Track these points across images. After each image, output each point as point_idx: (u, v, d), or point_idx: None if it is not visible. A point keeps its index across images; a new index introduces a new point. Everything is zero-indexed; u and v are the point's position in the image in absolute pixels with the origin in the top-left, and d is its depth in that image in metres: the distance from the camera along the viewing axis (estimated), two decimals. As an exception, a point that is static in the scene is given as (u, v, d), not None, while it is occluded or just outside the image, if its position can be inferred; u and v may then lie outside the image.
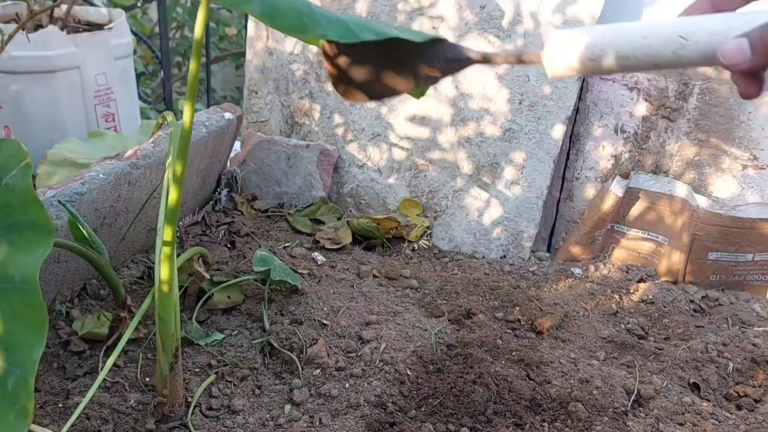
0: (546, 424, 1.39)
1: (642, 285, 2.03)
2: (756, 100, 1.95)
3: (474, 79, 2.18)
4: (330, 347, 1.59)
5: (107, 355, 1.42)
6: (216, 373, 1.48)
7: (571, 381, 1.52)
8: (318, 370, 1.51)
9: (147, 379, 1.43)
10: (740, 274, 2.06)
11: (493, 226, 2.22)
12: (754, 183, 2.02)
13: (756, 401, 1.54)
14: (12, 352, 0.62)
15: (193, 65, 0.95)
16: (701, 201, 2.03)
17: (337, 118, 2.39)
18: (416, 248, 2.26)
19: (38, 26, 2.16)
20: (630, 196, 2.11)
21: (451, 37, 2.19)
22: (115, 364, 1.44)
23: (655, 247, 2.13)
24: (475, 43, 2.17)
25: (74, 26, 2.30)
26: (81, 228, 1.22)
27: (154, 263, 1.80)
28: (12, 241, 0.65)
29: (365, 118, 2.36)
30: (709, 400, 1.53)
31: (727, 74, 1.89)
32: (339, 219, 2.37)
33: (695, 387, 1.58)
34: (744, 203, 2.02)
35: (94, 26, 2.35)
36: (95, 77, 2.18)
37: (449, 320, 1.79)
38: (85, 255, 1.21)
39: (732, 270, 2.05)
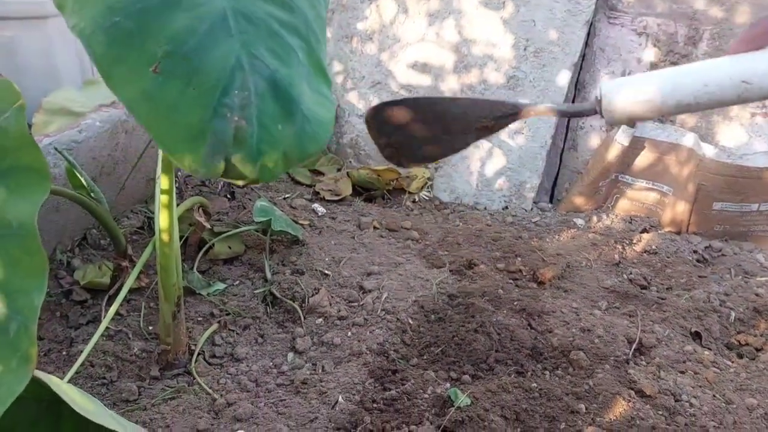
0: (547, 372, 1.40)
1: (645, 235, 2.02)
2: None
3: (478, 24, 2.12)
4: (332, 297, 1.59)
5: (110, 304, 1.42)
6: (218, 322, 1.48)
7: (573, 330, 1.52)
8: (320, 319, 1.51)
9: (150, 328, 1.43)
10: (745, 224, 2.04)
11: (496, 176, 2.20)
12: (762, 131, 1.98)
13: (757, 350, 1.54)
14: (13, 299, 0.60)
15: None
16: (708, 150, 2.00)
17: (336, 65, 2.34)
18: (417, 200, 2.24)
19: (27, -31, 2.09)
20: (635, 145, 2.08)
21: (454, -19, 2.12)
22: (118, 313, 1.43)
23: (660, 197, 2.11)
24: (479, -13, 2.09)
25: (65, -31, 2.22)
26: (79, 176, 1.20)
27: (153, 213, 1.78)
28: (8, 186, 0.63)
29: (365, 66, 2.30)
30: (710, 349, 1.54)
31: (739, 19, 1.84)
32: (339, 170, 2.34)
33: (697, 336, 1.58)
34: (752, 152, 1.99)
35: (85, -30, 2.27)
36: (88, 23, 2.11)
37: (451, 271, 1.79)
38: (83, 203, 1.19)
39: (737, 220, 2.04)
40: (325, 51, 0.84)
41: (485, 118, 0.77)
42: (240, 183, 0.70)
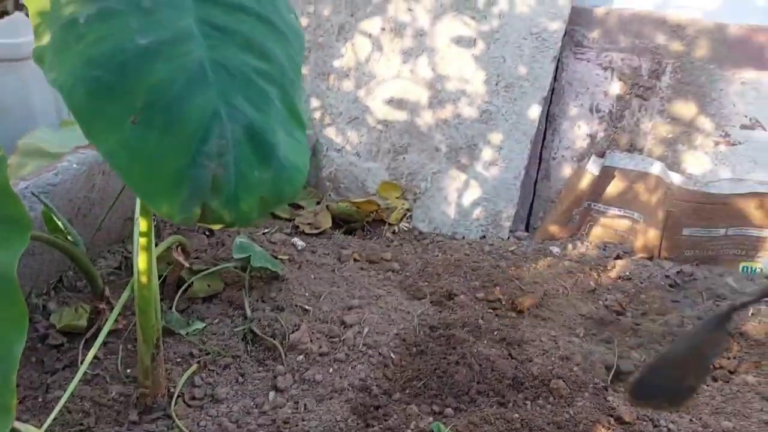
0: (528, 402, 1.41)
1: (619, 262, 2.06)
2: (728, 75, 1.98)
3: (450, 61, 2.18)
4: (313, 333, 1.59)
5: (87, 348, 1.40)
6: (198, 362, 1.47)
7: (552, 358, 1.54)
8: (301, 356, 1.51)
9: (128, 371, 1.42)
10: (714, 248, 2.10)
11: (473, 206, 2.24)
12: (725, 159, 2.05)
13: (731, 372, 1.58)
14: (-9, 349, 0.61)
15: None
16: (675, 178, 2.06)
17: (314, 102, 2.37)
18: (397, 231, 2.26)
19: (3, 13, 2.10)
20: (606, 174, 2.14)
21: (426, 20, 2.18)
22: (95, 357, 1.42)
23: (631, 224, 2.16)
24: (450, 24, 2.16)
25: (40, 12, 2.24)
26: (56, 219, 1.20)
27: (131, 253, 1.78)
28: (-13, 237, 0.64)
29: (343, 102, 2.34)
30: (685, 373, 1.57)
31: (698, 53, 1.92)
32: (318, 203, 2.36)
33: (672, 360, 1.61)
34: (716, 179, 2.06)
35: (60, 12, 2.29)
36: (64, 65, 2.13)
37: (431, 302, 1.80)
38: (61, 247, 1.19)
39: (706, 245, 2.09)
40: (300, 96, 0.86)
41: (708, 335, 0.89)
42: (216, 227, 0.71)
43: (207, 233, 2.01)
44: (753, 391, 1.47)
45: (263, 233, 2.10)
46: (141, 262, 1.08)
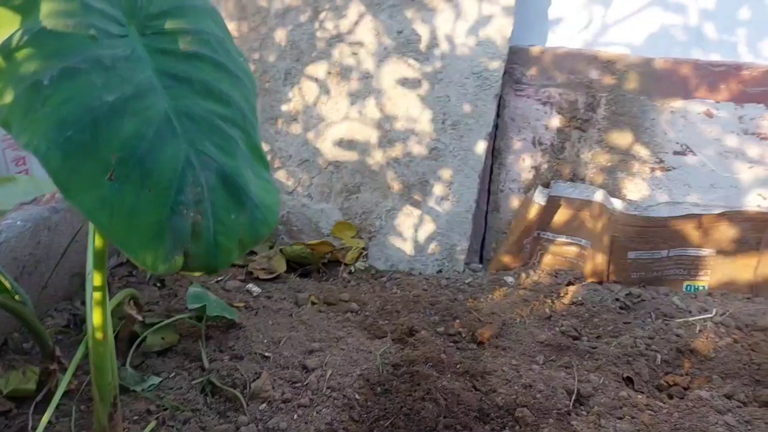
0: (495, 433, 1.42)
1: (571, 288, 2.12)
2: (658, 105, 2.10)
3: (397, 101, 2.23)
4: (274, 379, 1.56)
5: (37, 412, 1.34)
6: (156, 418, 1.42)
7: (515, 387, 1.56)
8: (264, 404, 1.48)
9: (83, 433, 1.35)
10: (658, 269, 2.18)
11: (427, 242, 2.26)
12: (662, 184, 2.16)
13: (685, 389, 1.63)
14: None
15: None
16: (617, 204, 2.15)
17: (264, 146, 2.37)
18: (353, 271, 2.26)
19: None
20: (552, 204, 2.21)
21: (371, 63, 2.23)
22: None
23: (580, 251, 2.23)
24: (395, 66, 2.22)
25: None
26: (3, 280, 1.16)
27: (79, 311, 1.72)
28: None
29: (292, 145, 2.36)
30: (643, 392, 1.61)
31: (629, 85, 2.03)
32: (271, 248, 2.34)
33: (629, 381, 1.65)
34: (655, 203, 2.16)
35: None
36: (2, 119, 2.07)
37: (393, 340, 1.80)
38: (9, 308, 1.14)
39: (650, 267, 2.18)
40: (260, 137, 0.87)
41: None
42: (197, 273, 0.71)
43: (158, 285, 1.96)
44: (707, 405, 1.52)
45: (217, 281, 2.06)
46: (96, 317, 1.05)
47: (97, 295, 1.05)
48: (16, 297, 1.21)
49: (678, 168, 2.14)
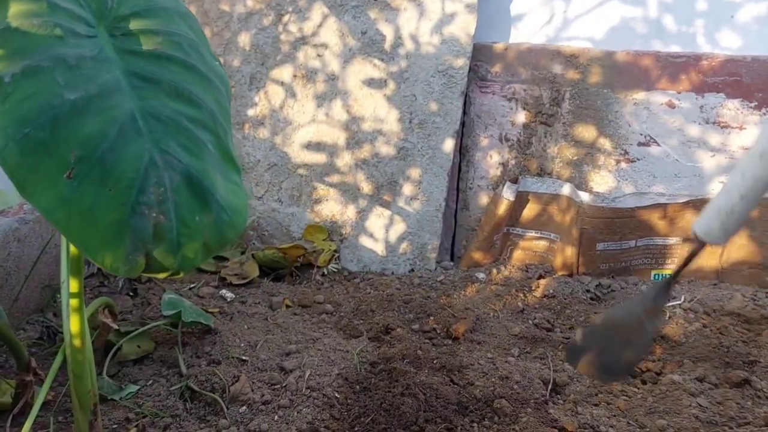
0: (475, 424, 1.44)
1: (542, 281, 2.15)
2: (621, 98, 2.15)
3: (364, 102, 2.24)
4: (253, 382, 1.56)
5: (14, 425, 1.31)
6: (136, 426, 1.40)
7: (492, 379, 1.58)
8: (244, 407, 1.48)
9: (60, 445, 1.33)
10: (626, 260, 2.24)
11: (399, 242, 2.28)
12: (627, 176, 2.21)
13: (657, 374, 1.67)
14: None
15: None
16: (584, 197, 2.19)
17: (231, 152, 2.37)
18: (326, 273, 2.27)
19: None
20: (521, 199, 2.25)
21: (336, 65, 2.24)
22: (22, 435, 1.33)
23: (549, 245, 2.27)
24: (360, 67, 2.23)
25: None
26: (-28, 291, 1.13)
27: (52, 322, 1.69)
28: None
29: (260, 150, 2.35)
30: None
31: (592, 79, 2.07)
32: (243, 253, 2.33)
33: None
34: (621, 195, 2.21)
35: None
36: (-38, 132, 2.02)
37: (369, 338, 1.81)
38: (-21, 320, 1.12)
39: (618, 257, 2.23)
40: (232, 140, 0.87)
41: (648, 305, 0.94)
42: (161, 276, 0.71)
43: (131, 294, 1.94)
44: (680, 389, 1.57)
45: (190, 288, 2.05)
46: (73, 325, 1.04)
47: (74, 302, 1.03)
48: (-14, 309, 1.19)
49: (643, 159, 2.19)
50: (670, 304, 1.98)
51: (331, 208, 2.32)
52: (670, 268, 2.22)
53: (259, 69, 2.32)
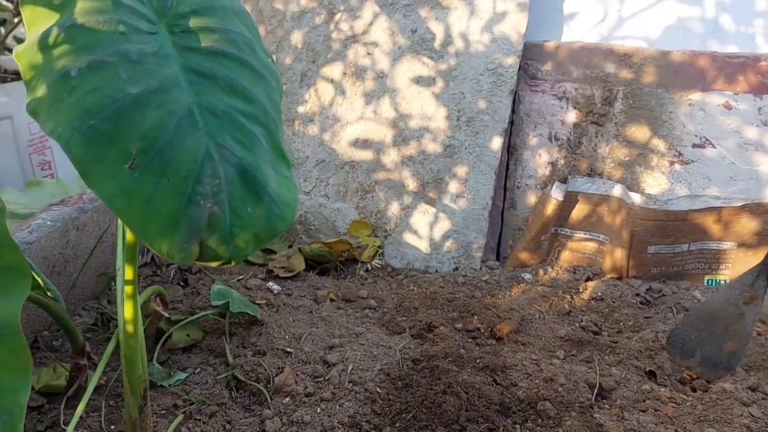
0: (518, 425, 1.43)
1: (590, 283, 2.12)
2: (676, 98, 2.09)
3: (412, 100, 2.25)
4: (297, 374, 1.58)
5: (68, 407, 1.37)
6: (183, 412, 1.44)
7: (537, 381, 1.56)
8: (287, 398, 1.50)
9: (112, 427, 1.38)
10: (678, 264, 2.18)
11: (443, 239, 2.28)
12: (681, 178, 2.15)
13: (708, 382, 1.62)
14: (-3, 399, 0.60)
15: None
16: (636, 198, 2.14)
17: (281, 148, 2.40)
18: (370, 268, 2.28)
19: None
20: (569, 199, 2.21)
21: (386, 62, 2.25)
22: (77, 416, 1.38)
23: (598, 246, 2.23)
24: (409, 65, 2.23)
25: (2, 76, 2.23)
26: (36, 276, 1.19)
27: (106, 309, 1.75)
28: (-13, 287, 0.64)
29: (308, 146, 2.38)
30: (666, 386, 1.61)
31: (646, 79, 2.03)
32: (290, 246, 2.37)
33: (651, 374, 1.65)
34: (675, 197, 2.15)
35: (21, 73, 2.29)
36: (28, 126, 2.12)
37: (411, 335, 1.82)
38: (42, 303, 1.17)
39: (670, 261, 2.17)
40: (283, 135, 0.89)
41: (746, 291, 0.92)
42: (213, 264, 0.73)
43: (181, 284, 2.00)
44: (731, 397, 1.52)
45: (238, 279, 2.09)
46: (127, 311, 1.08)
47: (128, 288, 1.07)
48: (48, 293, 1.25)
49: (697, 161, 2.13)
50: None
51: (377, 204, 2.34)
52: (724, 273, 2.15)
53: (310, 66, 2.35)
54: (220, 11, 0.89)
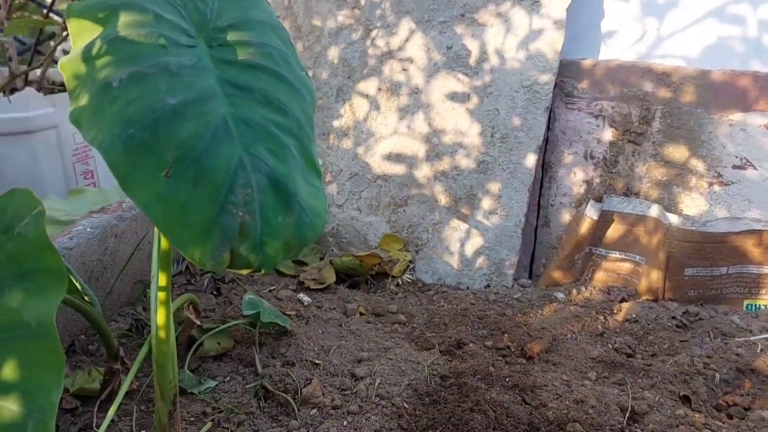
0: (546, 446, 1.40)
1: (624, 304, 2.08)
2: (715, 118, 2.06)
3: (446, 116, 2.25)
4: (324, 386, 1.59)
5: (101, 411, 1.40)
6: (212, 420, 1.46)
7: (567, 402, 1.54)
8: (315, 410, 1.51)
9: (142, 431, 1.41)
10: (716, 287, 2.12)
11: (475, 256, 2.26)
12: (720, 199, 2.10)
13: (745, 409, 1.57)
14: (31, 397, 0.62)
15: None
16: (673, 219, 2.10)
17: (315, 161, 2.43)
18: (400, 283, 2.28)
19: (13, 90, 2.18)
20: (605, 219, 2.18)
21: (421, 78, 2.27)
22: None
23: (634, 267, 2.19)
24: (444, 81, 2.24)
25: (49, 87, 2.32)
26: (74, 281, 1.23)
27: (141, 316, 1.79)
28: (26, 288, 0.67)
29: (342, 160, 2.40)
30: (700, 411, 1.57)
31: (685, 98, 1.99)
32: (321, 259, 2.39)
33: (686, 399, 1.61)
34: (713, 219, 2.10)
35: (68, 85, 2.37)
36: (73, 136, 2.19)
37: (440, 352, 1.81)
38: (79, 307, 1.21)
39: (708, 284, 2.12)
40: (315, 147, 0.91)
41: None
42: (244, 272, 0.74)
43: (214, 293, 2.03)
44: (769, 426, 1.47)
45: (270, 290, 2.11)
46: (160, 317, 1.10)
47: (161, 295, 1.10)
48: (86, 298, 1.28)
49: (737, 182, 2.08)
50: (761, 337, 1.86)
51: (408, 218, 2.34)
52: (764, 298, 2.08)
53: (346, 82, 2.38)
54: (257, 25, 0.91)
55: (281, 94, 0.87)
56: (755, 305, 2.09)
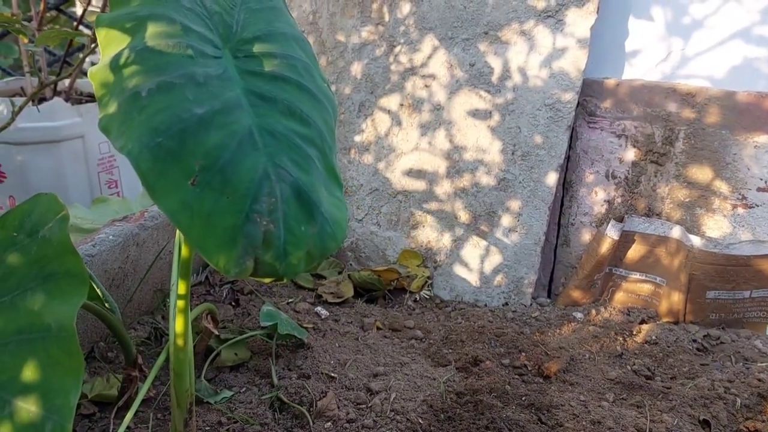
0: (562, 468, 1.38)
1: (644, 326, 2.05)
2: (740, 140, 2.03)
3: (467, 132, 2.26)
4: (340, 399, 1.58)
5: (118, 417, 1.41)
6: (227, 430, 1.46)
7: (583, 423, 1.52)
8: (329, 423, 1.50)
9: (158, 439, 1.41)
10: (739, 311, 2.08)
11: (494, 273, 2.25)
12: (744, 222, 2.07)
13: (768, 436, 1.54)
14: (49, 399, 0.63)
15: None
16: (695, 241, 2.07)
17: (335, 175, 2.45)
18: (418, 299, 2.28)
19: (42, 99, 2.23)
20: (625, 239, 2.16)
21: (443, 95, 2.28)
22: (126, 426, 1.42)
23: (654, 289, 2.16)
24: (466, 98, 2.25)
25: (77, 98, 2.37)
26: (96, 287, 1.24)
27: (160, 324, 1.81)
28: (48, 291, 0.68)
29: (363, 175, 2.41)
30: (721, 437, 1.53)
31: (709, 119, 1.98)
32: (340, 273, 2.39)
33: (706, 424, 1.58)
34: (737, 241, 2.07)
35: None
36: (98, 145, 2.23)
37: (456, 368, 1.79)
38: (100, 314, 1.22)
39: (731, 307, 2.08)
40: (336, 158, 0.92)
41: None
42: (267, 280, 0.75)
43: (233, 304, 2.04)
44: (793, 454, 1.43)
45: (288, 302, 2.12)
46: (178, 324, 1.11)
47: (180, 303, 1.11)
48: (106, 305, 1.30)
49: (762, 205, 2.05)
50: (788, 363, 1.82)
51: (428, 234, 2.34)
52: (790, 324, 2.04)
53: (368, 97, 2.40)
54: (281, 38, 0.93)
55: (304, 105, 0.89)
56: (780, 331, 2.05)
